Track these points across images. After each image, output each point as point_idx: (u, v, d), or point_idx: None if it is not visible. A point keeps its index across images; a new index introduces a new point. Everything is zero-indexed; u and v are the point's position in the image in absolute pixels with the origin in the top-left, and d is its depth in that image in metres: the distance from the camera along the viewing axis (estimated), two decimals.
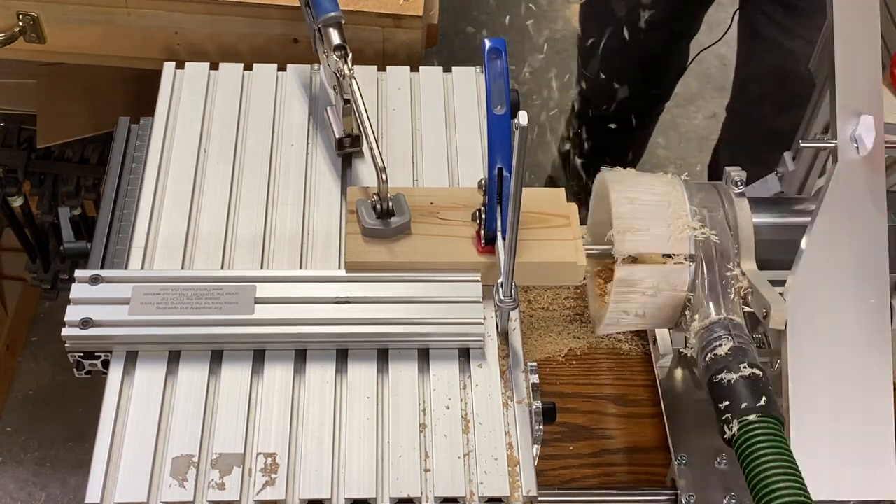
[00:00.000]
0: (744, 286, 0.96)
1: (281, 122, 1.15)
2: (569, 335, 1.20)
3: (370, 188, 1.04)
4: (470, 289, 0.99)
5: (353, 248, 1.00)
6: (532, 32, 2.67)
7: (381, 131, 1.15)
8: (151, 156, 1.11)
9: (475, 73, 1.21)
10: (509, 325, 0.99)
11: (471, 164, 1.12)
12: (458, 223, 1.02)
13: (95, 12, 1.30)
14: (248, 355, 0.96)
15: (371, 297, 0.98)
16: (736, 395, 0.88)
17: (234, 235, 1.05)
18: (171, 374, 0.95)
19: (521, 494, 0.89)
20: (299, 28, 1.27)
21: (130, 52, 1.35)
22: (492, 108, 0.91)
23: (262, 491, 0.87)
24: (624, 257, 0.97)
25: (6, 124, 1.69)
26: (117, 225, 1.06)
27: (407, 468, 0.89)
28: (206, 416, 0.92)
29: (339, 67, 1.06)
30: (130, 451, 0.89)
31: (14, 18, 1.31)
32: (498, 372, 0.96)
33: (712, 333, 0.94)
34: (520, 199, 0.85)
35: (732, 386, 0.88)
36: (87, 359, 0.96)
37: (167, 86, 1.17)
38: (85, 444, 1.92)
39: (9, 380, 2.02)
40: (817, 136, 1.15)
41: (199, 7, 1.29)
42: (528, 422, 0.93)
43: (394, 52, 1.31)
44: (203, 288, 0.97)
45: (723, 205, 1.00)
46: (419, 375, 0.96)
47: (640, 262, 0.98)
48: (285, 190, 1.09)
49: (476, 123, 1.16)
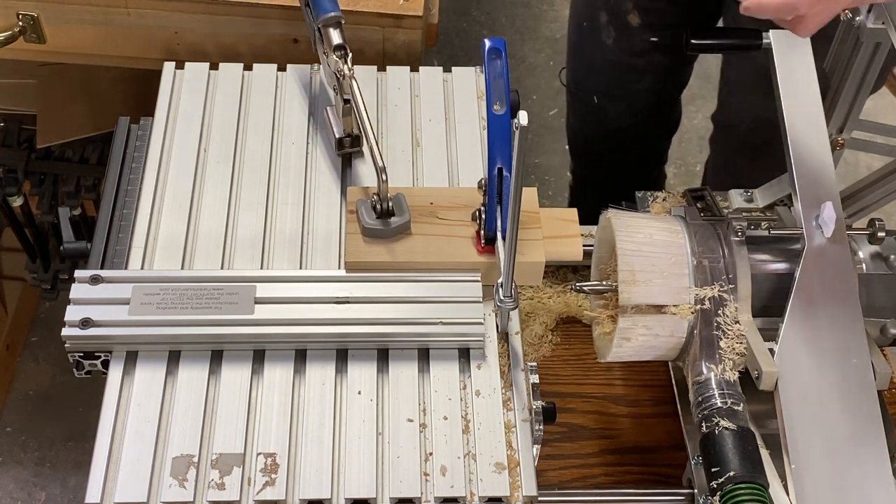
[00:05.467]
0: (739, 348, 1.00)
1: (281, 122, 1.15)
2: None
3: (370, 188, 1.04)
4: (470, 289, 0.99)
5: (353, 248, 1.00)
6: (532, 32, 2.67)
7: (381, 131, 1.15)
8: (151, 156, 1.11)
9: (475, 73, 1.21)
10: (509, 325, 0.99)
11: (471, 164, 1.12)
12: (458, 223, 1.02)
13: (95, 12, 1.30)
14: (248, 355, 0.96)
15: (371, 297, 0.98)
16: (724, 456, 0.94)
17: (234, 235, 1.05)
18: (171, 374, 0.95)
19: (521, 494, 0.89)
20: (299, 28, 1.27)
21: (130, 52, 1.35)
22: (492, 108, 0.91)
23: (262, 491, 0.87)
24: (627, 307, 1.00)
25: (6, 124, 1.69)
26: (117, 225, 1.06)
27: (407, 468, 0.89)
28: (206, 416, 0.92)
29: (339, 67, 1.06)
30: (130, 451, 0.89)
31: (14, 18, 1.31)
32: (498, 372, 0.96)
33: (706, 391, 0.98)
34: (520, 199, 0.85)
35: (721, 447, 0.94)
36: (87, 359, 0.96)
37: (167, 86, 1.17)
38: (85, 444, 1.92)
39: (9, 380, 2.02)
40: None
41: (199, 7, 1.29)
42: (528, 422, 0.93)
43: (394, 52, 1.31)
44: (203, 288, 0.97)
45: (723, 255, 1.03)
46: (419, 375, 0.96)
47: (642, 313, 1.01)
48: (285, 190, 1.09)
49: (476, 123, 1.16)
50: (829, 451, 0.94)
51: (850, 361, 0.99)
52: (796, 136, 1.09)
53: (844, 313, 1.01)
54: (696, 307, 1.00)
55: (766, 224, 1.13)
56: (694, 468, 1.04)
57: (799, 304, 1.01)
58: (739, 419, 0.96)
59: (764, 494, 0.91)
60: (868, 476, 0.94)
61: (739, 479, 0.92)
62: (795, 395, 0.97)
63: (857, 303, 1.02)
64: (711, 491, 0.94)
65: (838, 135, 1.23)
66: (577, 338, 1.23)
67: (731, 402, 0.97)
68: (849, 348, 0.99)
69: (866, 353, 0.99)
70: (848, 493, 0.93)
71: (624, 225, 1.03)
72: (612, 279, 1.04)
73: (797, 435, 0.95)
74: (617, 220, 1.04)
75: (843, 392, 0.97)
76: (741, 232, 1.04)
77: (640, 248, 1.02)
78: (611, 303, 1.07)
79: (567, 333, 1.23)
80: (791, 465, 0.94)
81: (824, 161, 1.09)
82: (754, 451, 0.95)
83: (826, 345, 1.00)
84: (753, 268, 1.03)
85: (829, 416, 0.96)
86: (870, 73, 1.17)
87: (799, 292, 1.01)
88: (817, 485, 0.93)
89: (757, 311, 1.04)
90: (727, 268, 1.02)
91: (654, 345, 1.03)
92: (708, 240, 1.04)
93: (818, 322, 1.00)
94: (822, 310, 1.01)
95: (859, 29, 1.11)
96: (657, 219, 1.07)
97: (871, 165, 2.22)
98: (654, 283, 1.00)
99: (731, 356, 1.00)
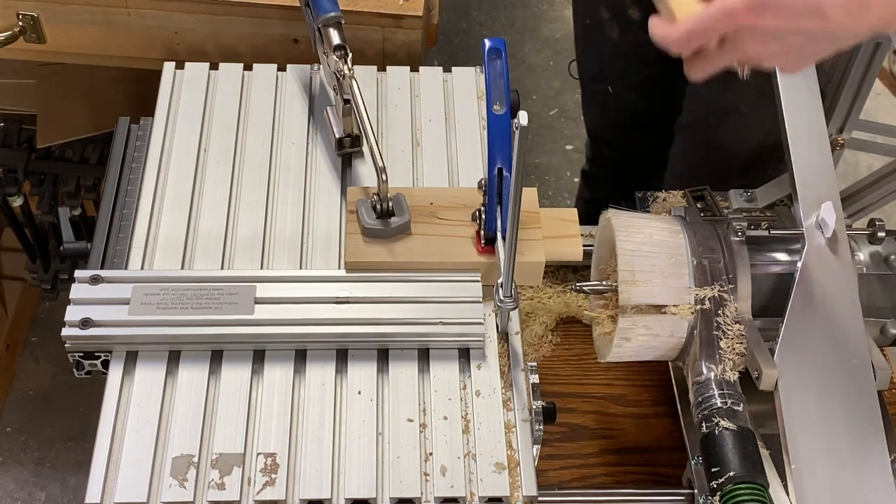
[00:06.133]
0: (739, 349, 1.00)
1: (281, 122, 1.15)
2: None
3: (370, 188, 1.04)
4: (470, 289, 0.99)
5: (353, 248, 1.00)
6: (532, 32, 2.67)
7: (381, 131, 1.15)
8: (151, 156, 1.11)
9: (475, 73, 1.21)
10: (509, 325, 0.99)
11: (471, 164, 1.12)
12: (458, 223, 1.02)
13: (95, 12, 1.30)
14: (248, 355, 0.96)
15: (371, 297, 0.98)
16: (724, 456, 0.94)
17: (234, 235, 1.05)
18: (171, 374, 0.95)
19: (521, 495, 0.89)
20: (299, 28, 1.27)
21: (130, 52, 1.35)
22: (492, 108, 0.91)
23: (262, 491, 0.87)
24: (627, 307, 1.00)
25: (6, 124, 1.69)
26: (117, 225, 1.05)
27: (407, 468, 0.89)
28: (206, 416, 0.92)
29: (339, 67, 1.06)
30: (130, 451, 0.89)
31: (14, 18, 1.31)
32: (498, 372, 0.96)
33: (706, 391, 0.98)
34: (520, 198, 0.85)
35: (721, 447, 0.94)
36: (87, 359, 0.96)
37: (167, 86, 1.17)
38: (85, 444, 1.92)
39: (9, 380, 2.02)
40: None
41: (199, 7, 1.29)
42: (528, 422, 0.93)
43: (394, 52, 1.31)
44: (203, 288, 0.97)
45: (723, 255, 1.03)
46: (419, 375, 0.96)
47: (642, 313, 1.01)
48: (285, 190, 1.09)
49: (476, 123, 1.16)
50: (829, 451, 0.94)
51: (850, 361, 0.99)
52: (796, 136, 1.09)
53: (844, 313, 1.01)
54: (696, 307, 1.00)
55: (766, 224, 1.13)
56: (694, 468, 1.04)
57: (799, 304, 1.01)
58: (739, 419, 0.96)
59: (764, 494, 0.91)
60: (868, 476, 0.94)
61: (739, 480, 0.92)
62: (795, 395, 0.97)
63: (857, 303, 1.02)
64: (711, 491, 0.94)
65: (838, 135, 1.23)
66: (577, 338, 1.23)
67: (731, 403, 0.97)
68: (849, 348, 0.99)
69: (866, 353, 0.99)
70: (848, 493, 0.93)
71: (624, 225, 1.03)
72: (612, 279, 1.04)
73: (797, 435, 0.95)
74: (617, 220, 1.04)
75: (843, 392, 0.97)
76: (741, 232, 1.04)
77: (640, 248, 1.02)
78: (611, 303, 1.07)
79: (567, 333, 1.23)
80: (791, 465, 0.94)
81: (824, 161, 1.09)
82: (754, 452, 0.95)
83: (826, 345, 1.00)
84: (753, 268, 1.03)
85: (829, 416, 0.96)
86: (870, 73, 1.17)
87: (799, 292, 1.01)
88: (817, 485, 0.93)
89: (757, 311, 1.04)
90: (727, 268, 1.02)
91: (654, 345, 1.03)
92: (708, 240, 1.04)
93: (818, 322, 1.00)
94: (822, 310, 1.01)
95: None
96: (657, 219, 1.07)
97: (871, 165, 2.22)
98: (654, 283, 1.00)
99: (731, 356, 1.00)
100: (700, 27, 0.84)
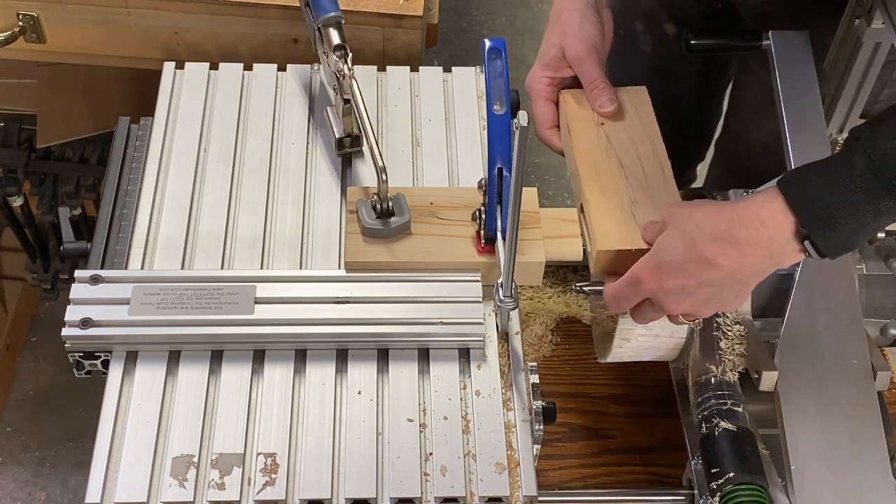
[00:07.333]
0: (739, 349, 1.01)
1: (281, 122, 1.15)
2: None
3: (370, 188, 1.04)
4: (470, 289, 0.99)
5: (353, 248, 1.00)
6: (532, 32, 2.67)
7: (381, 131, 1.15)
8: (151, 156, 1.11)
9: (475, 73, 1.21)
10: (509, 325, 0.99)
11: (471, 164, 1.12)
12: (458, 223, 1.02)
13: (95, 12, 1.30)
14: (248, 355, 0.96)
15: (371, 297, 0.98)
16: (723, 457, 0.94)
17: (234, 235, 1.05)
18: (171, 374, 0.95)
19: (521, 494, 0.89)
20: (299, 28, 1.27)
21: (130, 52, 1.35)
22: (492, 108, 0.91)
23: (262, 491, 0.87)
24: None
25: (6, 124, 1.69)
26: (117, 225, 1.06)
27: (407, 468, 0.89)
28: (206, 416, 0.92)
29: (339, 67, 1.06)
30: (130, 451, 0.89)
31: (14, 18, 1.31)
32: (498, 372, 0.96)
33: (706, 392, 0.99)
34: (520, 198, 0.85)
35: (720, 448, 0.95)
36: (87, 359, 0.96)
37: (167, 86, 1.17)
38: (85, 444, 1.92)
39: (9, 380, 2.02)
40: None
41: (199, 7, 1.29)
42: (528, 422, 0.93)
43: (394, 52, 1.31)
44: (203, 288, 0.97)
45: None
46: (419, 375, 0.96)
47: None
48: (285, 190, 1.09)
49: (476, 123, 1.16)
50: (829, 452, 0.95)
51: (849, 361, 0.99)
52: (796, 136, 1.09)
53: (844, 313, 1.01)
54: None
55: None
56: (694, 468, 1.04)
57: (799, 304, 1.01)
58: (739, 420, 0.96)
59: (763, 495, 0.91)
60: (868, 476, 0.94)
61: (739, 480, 0.92)
62: (795, 395, 0.97)
63: (857, 303, 1.02)
64: (711, 491, 0.94)
65: (838, 135, 1.23)
66: (577, 338, 1.23)
67: (731, 403, 0.97)
68: (849, 348, 0.99)
69: (866, 353, 1.00)
70: (848, 494, 0.93)
71: None
72: None
73: (797, 435, 0.95)
74: None
75: (842, 392, 0.97)
76: None
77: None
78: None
79: (567, 333, 1.23)
80: (791, 465, 0.94)
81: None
82: (754, 452, 0.95)
83: (826, 345, 1.00)
84: None
85: (829, 417, 0.96)
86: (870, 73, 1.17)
87: (799, 292, 1.01)
88: (817, 485, 0.93)
89: (757, 311, 1.04)
90: None
91: (654, 345, 1.03)
92: None
93: (818, 322, 1.01)
94: (822, 310, 1.01)
95: (859, 29, 1.11)
96: None
97: None
98: None
99: (731, 357, 1.00)
100: (620, 293, 0.93)
